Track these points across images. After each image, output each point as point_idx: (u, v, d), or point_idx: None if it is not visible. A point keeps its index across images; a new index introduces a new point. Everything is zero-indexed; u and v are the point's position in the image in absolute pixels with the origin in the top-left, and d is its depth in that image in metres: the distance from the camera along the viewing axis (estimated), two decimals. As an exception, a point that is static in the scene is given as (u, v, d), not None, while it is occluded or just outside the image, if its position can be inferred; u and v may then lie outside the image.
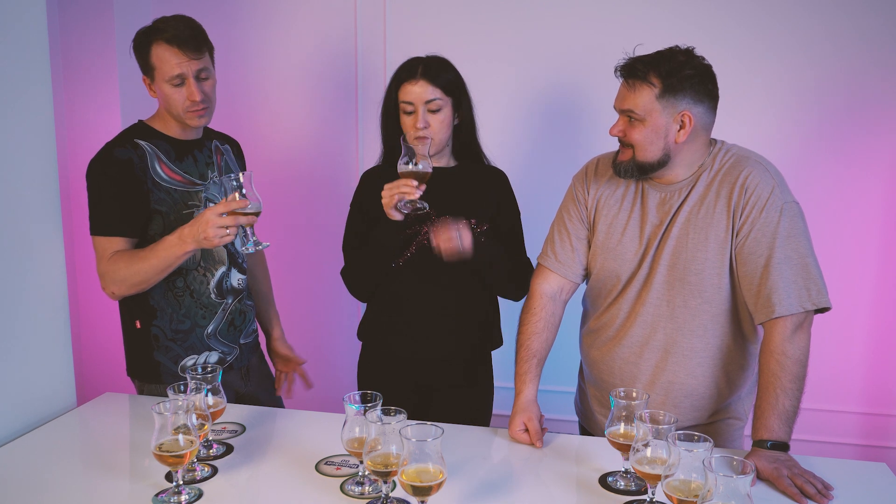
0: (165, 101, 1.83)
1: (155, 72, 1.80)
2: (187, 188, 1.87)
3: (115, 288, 1.80)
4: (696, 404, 1.71)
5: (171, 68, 1.78)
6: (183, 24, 1.80)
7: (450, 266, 1.88)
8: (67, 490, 1.44)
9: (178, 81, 1.79)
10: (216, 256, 1.91)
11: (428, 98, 1.84)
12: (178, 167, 1.87)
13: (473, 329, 1.99)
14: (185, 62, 1.79)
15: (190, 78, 1.80)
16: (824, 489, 1.42)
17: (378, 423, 1.30)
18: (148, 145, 1.84)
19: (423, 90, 1.84)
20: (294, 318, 3.04)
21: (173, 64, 1.78)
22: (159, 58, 1.78)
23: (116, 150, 1.81)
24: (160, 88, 1.82)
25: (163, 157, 1.84)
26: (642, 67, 1.59)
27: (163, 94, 1.82)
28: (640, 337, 1.71)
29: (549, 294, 1.82)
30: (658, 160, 1.63)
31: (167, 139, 1.87)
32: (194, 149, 1.92)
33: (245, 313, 2.02)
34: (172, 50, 1.78)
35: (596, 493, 1.46)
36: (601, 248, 1.76)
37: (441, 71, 1.87)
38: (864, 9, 2.54)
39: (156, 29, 1.80)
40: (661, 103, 1.59)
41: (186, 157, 1.89)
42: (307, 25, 2.92)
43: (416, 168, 1.73)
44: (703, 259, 1.64)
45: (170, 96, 1.81)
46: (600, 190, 1.78)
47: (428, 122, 1.85)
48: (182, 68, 1.78)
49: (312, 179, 3.03)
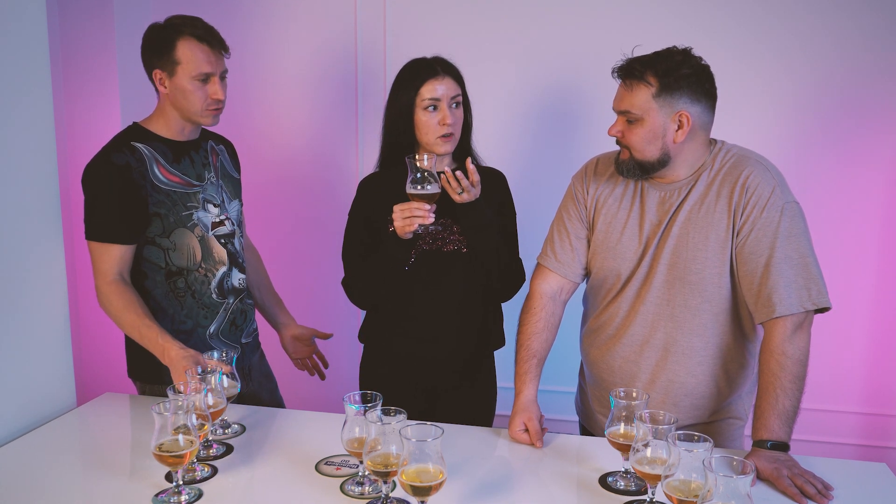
0: (183, 98, 1.81)
1: (179, 67, 1.78)
2: (185, 189, 1.86)
3: (105, 309, 1.82)
4: (696, 403, 1.71)
5: (199, 65, 1.78)
6: (206, 25, 1.82)
7: (450, 267, 1.89)
8: (67, 490, 1.44)
9: (204, 78, 1.80)
10: (217, 257, 1.91)
11: (453, 94, 1.86)
12: (176, 169, 1.86)
13: (474, 330, 1.98)
14: (215, 61, 1.81)
15: (216, 76, 1.81)
16: (824, 489, 1.42)
17: (378, 424, 1.30)
18: (145, 148, 1.82)
19: (448, 86, 1.85)
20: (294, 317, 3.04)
21: (202, 61, 1.78)
22: (187, 54, 1.78)
23: (114, 156, 1.78)
24: (179, 84, 1.80)
25: (161, 159, 1.84)
26: (639, 67, 1.59)
27: (182, 90, 1.80)
28: (640, 336, 1.72)
29: (548, 294, 1.82)
30: (658, 159, 1.63)
31: (164, 141, 1.86)
32: (191, 150, 1.91)
33: (246, 312, 2.02)
34: (203, 47, 1.79)
35: (596, 493, 1.46)
36: (600, 246, 1.76)
37: (456, 69, 1.89)
38: (864, 8, 2.54)
39: (180, 25, 1.79)
40: (657, 102, 1.59)
41: (183, 159, 1.88)
42: (307, 25, 2.92)
43: (426, 191, 1.73)
44: (703, 258, 1.64)
45: (191, 93, 1.80)
46: (600, 189, 1.78)
47: (455, 118, 1.86)
48: (211, 66, 1.80)
49: (312, 180, 3.03)
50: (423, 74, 1.85)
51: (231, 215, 1.97)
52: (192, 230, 1.86)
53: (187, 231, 1.85)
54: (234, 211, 1.99)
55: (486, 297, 1.99)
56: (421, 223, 1.73)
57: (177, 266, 1.86)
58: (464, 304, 1.95)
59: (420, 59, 1.89)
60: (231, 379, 1.65)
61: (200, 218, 1.88)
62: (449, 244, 1.91)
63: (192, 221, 1.86)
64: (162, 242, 1.84)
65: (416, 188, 1.72)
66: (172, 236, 1.84)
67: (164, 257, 1.85)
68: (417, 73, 1.87)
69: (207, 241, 1.89)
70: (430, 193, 1.73)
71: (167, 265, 1.85)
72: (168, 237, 1.84)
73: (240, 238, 1.99)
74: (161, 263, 1.85)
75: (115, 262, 1.80)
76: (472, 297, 1.96)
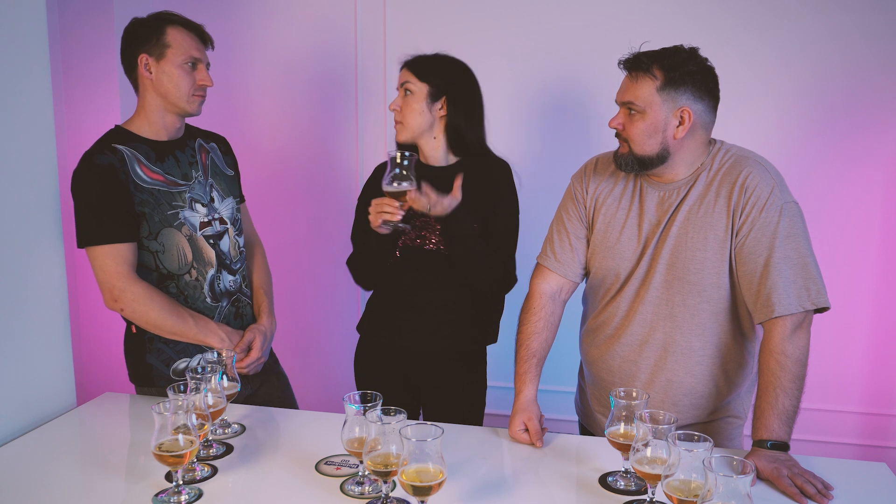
0: (169, 81, 1.83)
1: (168, 50, 1.82)
2: (169, 188, 1.86)
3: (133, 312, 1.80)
4: (695, 403, 1.71)
5: (188, 49, 1.84)
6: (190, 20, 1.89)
7: (432, 265, 1.93)
8: (67, 490, 1.44)
9: (192, 63, 1.85)
10: (206, 258, 1.90)
11: (402, 80, 1.96)
12: (159, 168, 1.85)
13: (463, 325, 1.99)
14: (202, 49, 1.88)
15: (203, 63, 1.87)
16: (824, 489, 1.42)
17: (378, 423, 1.29)
18: (126, 149, 1.82)
19: (401, 77, 1.97)
20: (293, 317, 3.05)
21: (192, 46, 1.85)
22: (177, 38, 1.83)
23: (97, 158, 1.79)
24: (166, 70, 1.82)
25: (142, 158, 1.83)
26: (646, 60, 1.61)
27: (169, 74, 1.82)
28: (638, 335, 1.72)
29: (548, 294, 1.82)
30: (657, 154, 1.64)
31: (146, 141, 1.86)
32: (175, 149, 1.90)
33: (242, 315, 2.00)
34: (191, 35, 1.86)
35: (596, 493, 1.46)
36: (599, 246, 1.76)
37: (428, 66, 1.94)
38: (864, 7, 2.54)
39: (166, 16, 1.86)
40: (661, 96, 1.60)
41: (167, 158, 1.88)
42: (307, 25, 2.92)
43: (394, 188, 1.77)
44: (702, 258, 1.64)
45: (179, 77, 1.83)
46: (599, 188, 1.78)
47: (399, 105, 1.95)
48: (199, 53, 1.87)
49: (312, 179, 3.03)
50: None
51: (224, 214, 1.96)
52: (179, 230, 1.85)
53: (174, 231, 1.84)
54: (228, 209, 1.98)
55: (476, 295, 2.00)
56: (387, 220, 1.78)
57: (167, 269, 1.84)
58: (449, 300, 1.97)
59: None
60: (231, 379, 1.65)
61: (187, 217, 1.87)
62: (429, 244, 1.95)
63: (179, 220, 1.85)
64: (150, 245, 1.82)
65: (388, 184, 1.77)
66: (160, 237, 1.83)
67: (153, 261, 1.83)
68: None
69: (196, 241, 1.88)
70: (399, 191, 1.77)
71: (158, 269, 1.84)
72: (156, 239, 1.82)
73: (235, 237, 1.98)
74: (152, 267, 1.84)
75: (118, 264, 1.77)
76: (458, 294, 1.97)
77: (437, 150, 1.98)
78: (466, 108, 1.96)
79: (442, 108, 1.95)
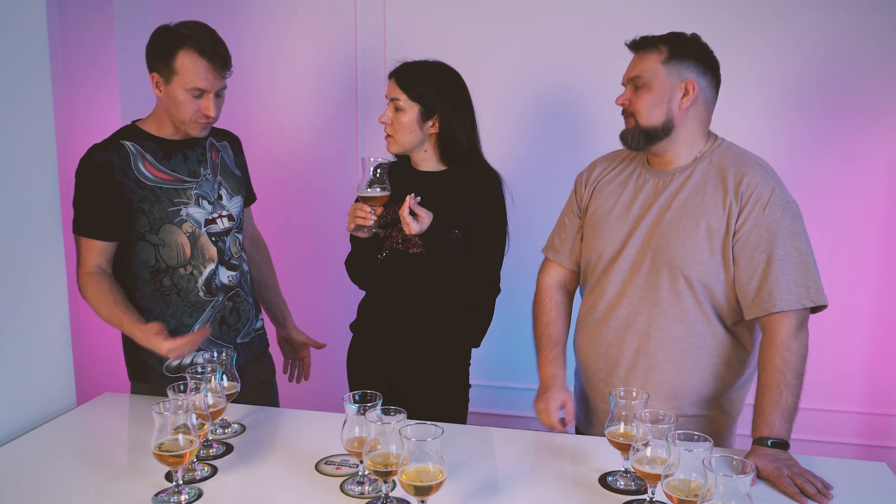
0: (174, 106, 1.81)
1: (175, 76, 1.78)
2: (174, 185, 1.86)
3: (84, 298, 1.84)
4: (675, 393, 1.71)
5: (195, 79, 1.77)
6: (214, 39, 1.80)
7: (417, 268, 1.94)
8: (67, 490, 1.44)
9: (198, 94, 1.79)
10: (206, 254, 1.90)
11: (392, 95, 1.92)
12: (165, 166, 1.86)
13: (447, 327, 2.00)
14: (212, 79, 1.79)
15: (210, 94, 1.80)
16: (824, 489, 1.42)
17: (378, 423, 1.30)
18: (133, 146, 1.83)
19: (390, 89, 1.93)
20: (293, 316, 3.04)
21: (199, 77, 1.77)
22: (186, 66, 1.76)
23: (97, 153, 1.81)
24: (172, 92, 1.79)
25: (148, 156, 1.84)
26: (652, 39, 1.70)
27: (173, 98, 1.80)
28: (623, 319, 1.73)
29: (553, 284, 1.89)
30: (662, 125, 1.67)
31: (155, 140, 1.87)
32: (185, 147, 1.91)
33: (240, 312, 1.99)
34: (203, 63, 1.77)
35: (596, 492, 1.46)
36: (589, 226, 1.82)
37: (416, 79, 1.91)
38: (864, 7, 2.54)
39: (186, 35, 1.77)
40: (666, 68, 1.66)
41: (175, 156, 1.88)
42: (307, 25, 2.92)
43: (366, 193, 1.80)
44: (692, 245, 1.65)
45: (182, 103, 1.80)
46: (601, 176, 1.84)
47: (390, 118, 1.93)
48: (207, 84, 1.78)
49: (312, 179, 3.03)
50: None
51: (232, 211, 1.97)
52: (179, 226, 1.86)
53: (175, 227, 1.85)
54: (236, 207, 1.99)
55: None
56: (360, 224, 1.82)
57: (166, 263, 1.86)
58: (433, 302, 1.97)
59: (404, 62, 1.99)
60: (231, 379, 1.65)
61: (191, 214, 1.87)
62: (413, 247, 1.96)
63: (181, 217, 1.86)
64: (151, 238, 1.85)
65: (362, 189, 1.81)
66: (161, 233, 1.84)
67: (154, 254, 1.85)
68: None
69: (198, 237, 1.88)
70: (372, 196, 1.80)
71: (157, 262, 1.86)
72: (157, 233, 1.84)
73: (237, 234, 1.99)
74: (151, 261, 1.86)
75: (93, 256, 1.83)
76: (443, 296, 1.97)
77: (428, 161, 1.99)
78: (458, 121, 1.94)
79: (433, 126, 1.93)
